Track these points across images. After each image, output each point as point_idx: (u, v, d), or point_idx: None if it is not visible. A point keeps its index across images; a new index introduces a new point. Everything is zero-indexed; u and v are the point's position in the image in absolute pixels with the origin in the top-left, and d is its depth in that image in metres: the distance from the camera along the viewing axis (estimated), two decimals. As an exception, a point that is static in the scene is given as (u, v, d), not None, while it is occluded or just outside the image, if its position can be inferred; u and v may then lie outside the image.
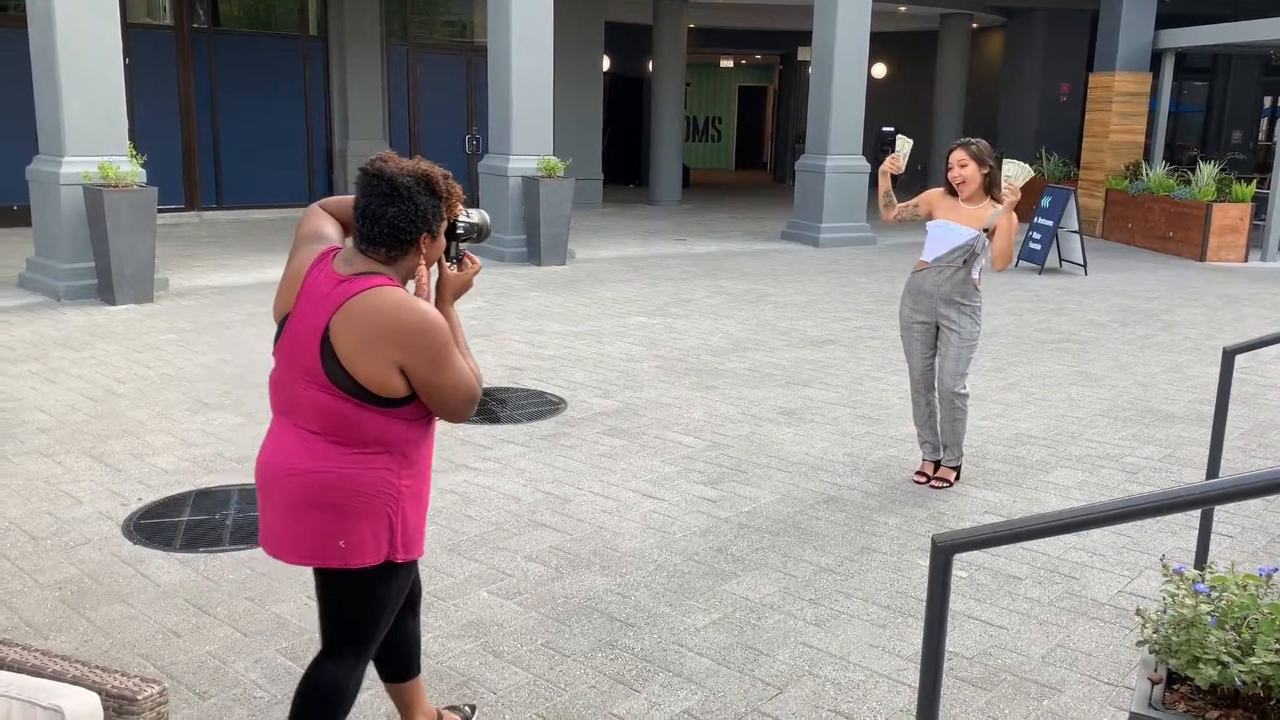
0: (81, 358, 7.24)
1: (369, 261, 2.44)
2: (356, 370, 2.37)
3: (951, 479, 5.23)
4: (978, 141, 5.03)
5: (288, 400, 2.50)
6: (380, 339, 2.35)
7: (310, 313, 2.42)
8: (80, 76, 8.88)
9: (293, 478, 2.46)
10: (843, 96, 13.86)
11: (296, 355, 2.45)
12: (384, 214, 2.41)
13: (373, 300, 2.37)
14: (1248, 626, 2.02)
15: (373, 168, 2.44)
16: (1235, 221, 13.64)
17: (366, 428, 2.43)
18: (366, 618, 2.57)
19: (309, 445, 2.45)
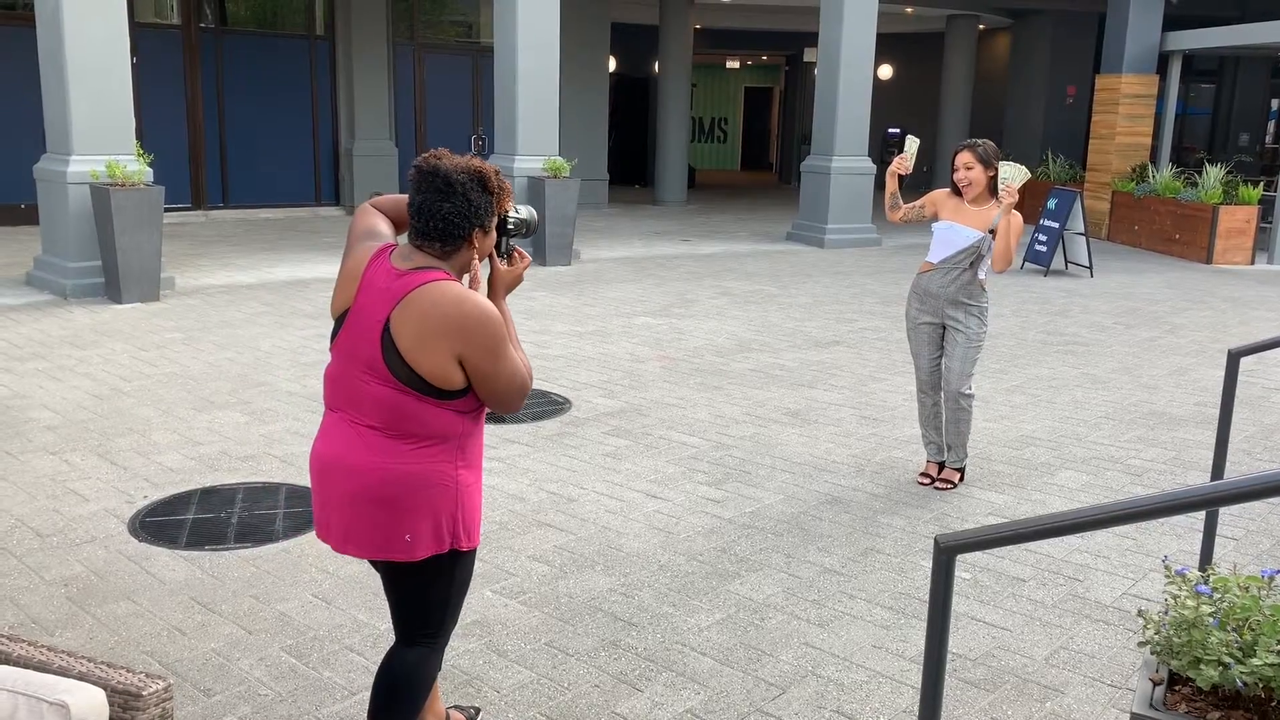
0: (88, 356, 7.27)
1: (426, 256, 2.50)
2: (417, 362, 2.42)
3: (956, 480, 5.23)
4: (984, 143, 5.03)
5: (346, 395, 2.53)
6: (440, 331, 2.41)
7: (370, 307, 2.46)
8: (88, 76, 8.91)
9: (354, 474, 2.50)
10: (849, 98, 13.86)
11: (357, 349, 2.49)
12: (439, 209, 2.47)
13: (432, 294, 2.42)
14: (1249, 628, 2.02)
15: (428, 165, 2.50)
16: (1242, 224, 13.62)
17: (425, 421, 2.47)
18: (437, 607, 2.64)
19: (367, 441, 2.49)
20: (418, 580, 2.60)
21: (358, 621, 3.73)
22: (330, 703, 3.23)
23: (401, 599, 2.65)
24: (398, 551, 2.51)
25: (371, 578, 4.07)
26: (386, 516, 2.49)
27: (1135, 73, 15.62)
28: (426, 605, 2.64)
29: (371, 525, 2.50)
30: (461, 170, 2.49)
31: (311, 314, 8.89)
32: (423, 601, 2.63)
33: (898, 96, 22.95)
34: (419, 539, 2.51)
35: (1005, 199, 4.83)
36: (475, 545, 2.63)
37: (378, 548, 2.52)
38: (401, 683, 2.64)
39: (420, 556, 2.52)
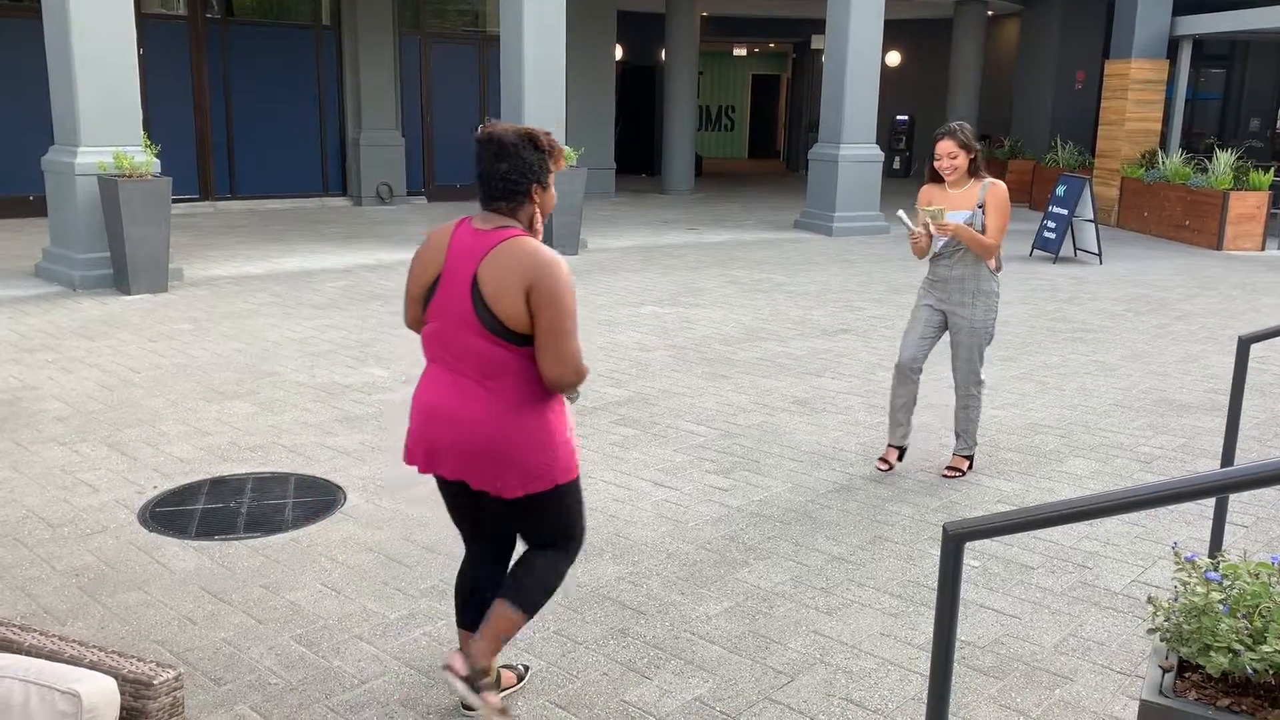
0: (97, 347, 7.29)
1: (501, 218, 2.83)
2: (499, 308, 2.72)
3: (964, 468, 5.21)
4: (962, 127, 4.96)
5: (445, 348, 2.84)
6: (517, 272, 2.71)
7: (460, 265, 2.79)
8: (95, 67, 8.92)
9: (461, 426, 2.80)
10: (856, 85, 13.80)
11: (450, 304, 2.80)
12: (497, 170, 2.80)
13: (514, 244, 2.76)
14: (1259, 615, 2.01)
15: (482, 134, 2.83)
16: (1252, 210, 13.54)
17: (512, 368, 2.77)
18: (558, 526, 2.96)
19: (468, 391, 2.80)
20: (536, 513, 2.91)
21: (367, 610, 3.75)
22: (340, 691, 3.24)
23: (528, 529, 2.99)
24: (512, 488, 2.82)
25: (381, 567, 4.09)
26: (496, 462, 2.79)
27: (1145, 58, 15.52)
28: (549, 529, 2.97)
29: (487, 468, 2.80)
30: (512, 133, 2.82)
31: (319, 304, 8.90)
32: (548, 526, 2.96)
33: (906, 83, 22.85)
34: (532, 478, 2.82)
35: (948, 230, 4.81)
36: (574, 478, 2.92)
37: (495, 485, 2.82)
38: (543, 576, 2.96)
39: (539, 489, 2.83)
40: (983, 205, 4.92)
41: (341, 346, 7.49)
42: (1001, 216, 4.92)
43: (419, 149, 16.90)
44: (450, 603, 3.82)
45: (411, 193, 16.78)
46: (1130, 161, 15.65)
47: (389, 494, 4.80)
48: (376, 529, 4.45)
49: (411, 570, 4.07)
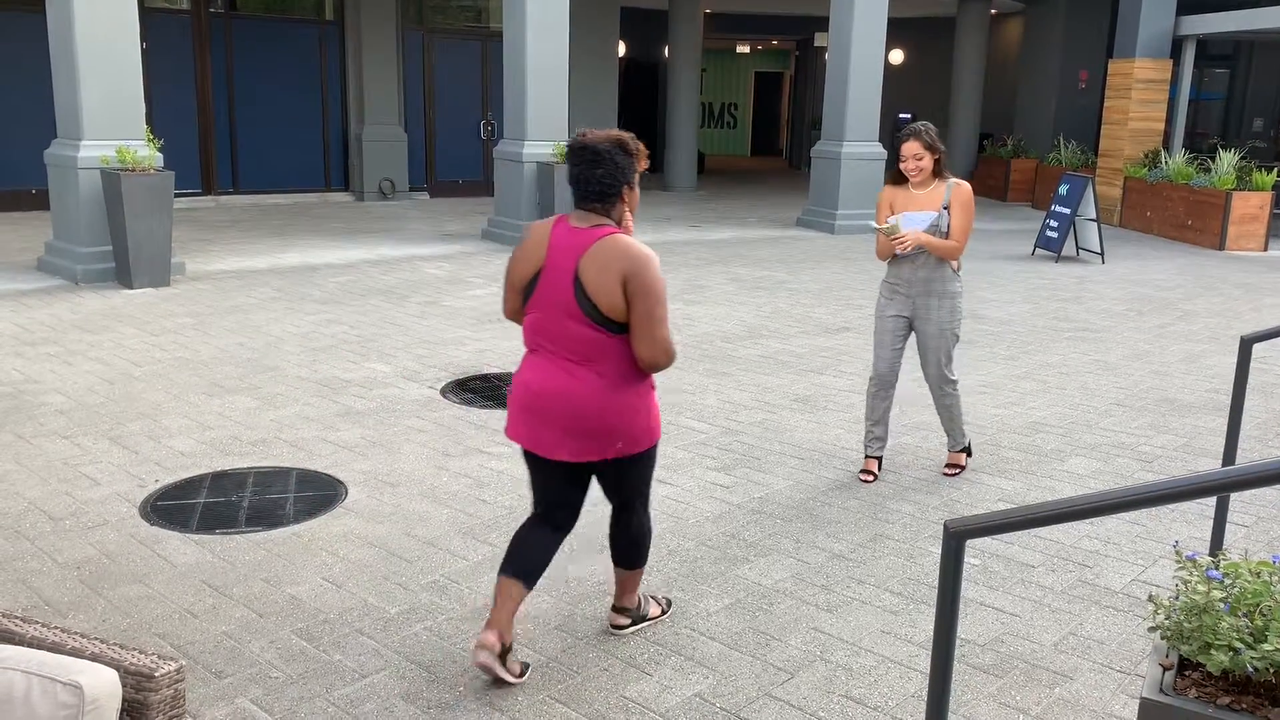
0: (99, 341, 7.30)
1: (596, 216, 3.16)
2: (598, 297, 3.06)
3: (963, 462, 5.19)
4: (927, 128, 4.86)
5: (548, 335, 3.17)
6: (615, 265, 3.05)
7: (561, 260, 3.12)
8: (98, 61, 8.92)
9: (566, 400, 3.14)
10: (859, 83, 13.79)
11: (553, 294, 3.13)
12: (592, 175, 3.13)
13: (608, 243, 3.09)
14: (1260, 613, 2.01)
15: (578, 143, 3.16)
16: (1255, 210, 13.53)
17: (611, 351, 3.12)
18: (643, 482, 3.43)
19: (571, 372, 3.15)
20: (629, 471, 3.33)
21: (368, 605, 3.75)
22: (341, 685, 3.25)
23: (618, 485, 3.39)
24: (610, 453, 3.22)
25: (381, 561, 4.09)
26: (603, 433, 3.17)
27: (1149, 57, 15.50)
28: (637, 484, 3.41)
29: (592, 441, 3.18)
30: (604, 140, 3.15)
31: (321, 299, 8.90)
32: (634, 482, 3.39)
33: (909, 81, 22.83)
34: (629, 442, 3.22)
35: (910, 242, 4.75)
36: (658, 439, 3.37)
37: (600, 453, 3.20)
38: (638, 537, 3.49)
39: (629, 454, 3.24)
40: (948, 206, 4.84)
41: (343, 342, 7.49)
42: (967, 217, 4.84)
43: (421, 145, 16.90)
44: (450, 598, 3.82)
45: (414, 188, 16.78)
46: (1133, 161, 15.64)
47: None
48: (377, 524, 4.45)
49: (412, 565, 4.08)
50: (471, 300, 9.07)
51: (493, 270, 10.56)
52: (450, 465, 5.15)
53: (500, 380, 6.66)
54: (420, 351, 7.29)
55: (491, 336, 7.78)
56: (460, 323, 8.20)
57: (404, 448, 5.37)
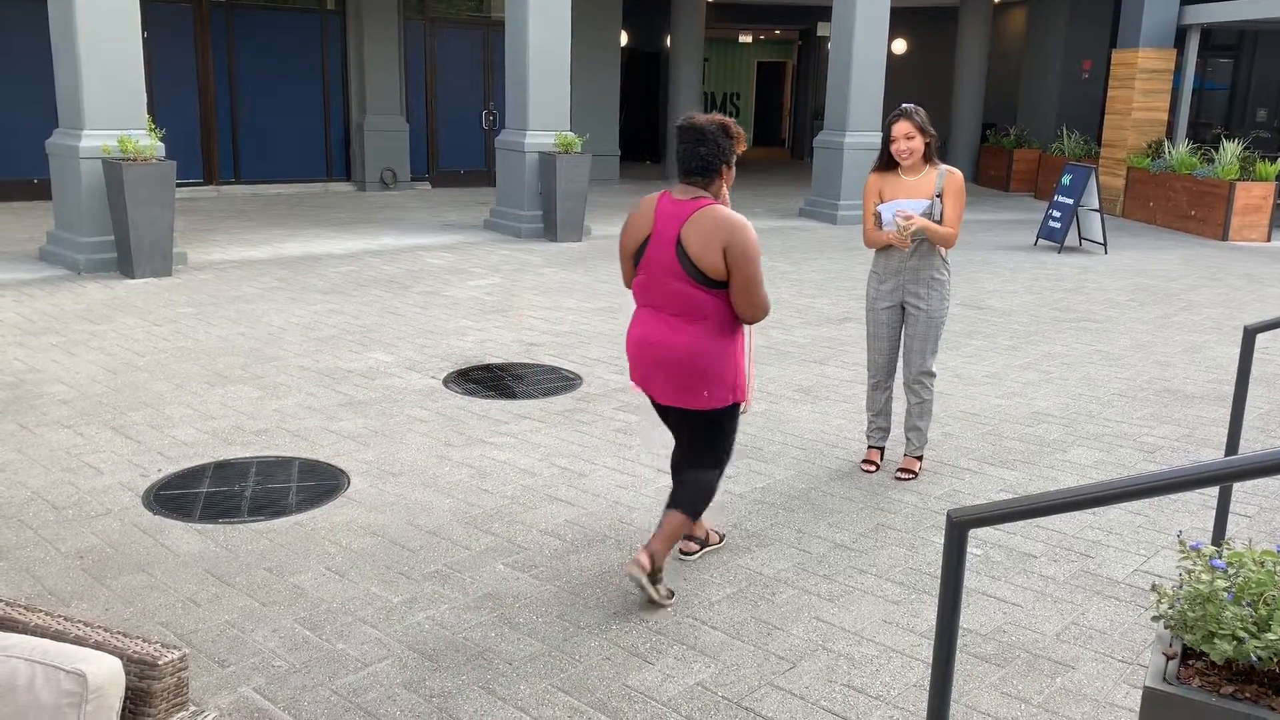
0: (101, 330, 7.30)
1: (696, 189, 3.60)
2: (701, 260, 3.51)
3: (916, 470, 5.05)
4: (918, 110, 4.79)
5: (655, 294, 3.64)
6: (716, 233, 3.50)
7: (666, 230, 3.59)
8: (99, 50, 8.90)
9: (668, 349, 3.61)
10: (862, 72, 13.75)
11: (659, 257, 3.59)
12: (697, 153, 3.58)
13: (708, 213, 3.55)
14: (1264, 603, 2.01)
15: (686, 122, 3.61)
16: (1258, 201, 13.49)
17: (710, 307, 3.57)
18: (719, 443, 3.78)
19: (674, 326, 3.62)
20: (708, 426, 3.72)
21: (370, 594, 3.76)
22: (343, 674, 3.25)
23: (696, 438, 3.76)
24: (700, 402, 3.63)
25: (384, 551, 4.10)
26: (690, 378, 3.60)
27: (1152, 47, 15.44)
28: (712, 442, 3.77)
29: (681, 383, 3.62)
30: (710, 122, 3.58)
31: (323, 289, 8.90)
32: (710, 440, 3.76)
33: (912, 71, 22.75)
34: (714, 394, 3.63)
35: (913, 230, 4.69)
36: (744, 399, 3.75)
37: (686, 399, 3.63)
38: (700, 490, 3.76)
39: (718, 406, 3.65)
40: (940, 194, 4.78)
41: (345, 331, 7.49)
42: (960, 205, 4.79)
43: (423, 135, 16.87)
44: (453, 586, 3.83)
45: (415, 178, 16.76)
46: (1136, 151, 15.59)
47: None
48: (380, 513, 4.45)
49: (415, 554, 4.08)
50: (473, 290, 9.06)
51: (495, 260, 10.55)
52: (452, 455, 5.15)
53: (503, 371, 6.66)
54: (422, 341, 7.29)
55: (494, 327, 7.78)
56: (462, 313, 8.20)
57: (406, 438, 5.37)
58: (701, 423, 3.72)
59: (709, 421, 3.71)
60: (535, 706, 3.11)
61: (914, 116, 4.76)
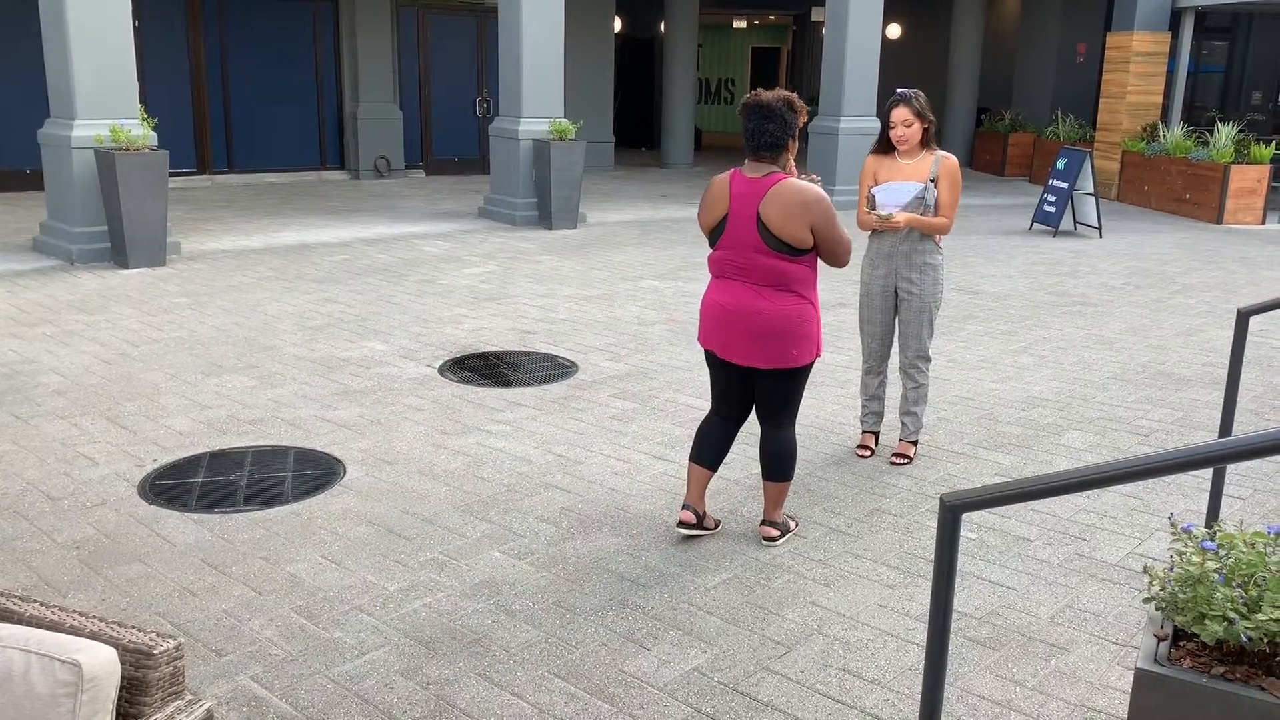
0: (95, 321, 7.28)
1: (767, 165, 3.83)
2: (784, 233, 3.76)
3: (911, 454, 5.06)
4: (917, 95, 4.80)
5: (736, 268, 3.88)
6: (798, 207, 3.76)
7: (744, 206, 3.81)
8: (90, 40, 8.85)
9: (756, 315, 3.85)
10: (857, 57, 13.72)
11: (741, 235, 3.82)
12: (766, 129, 3.79)
13: (785, 186, 3.78)
14: (1255, 584, 2.02)
15: (754, 100, 3.81)
16: (1253, 184, 13.49)
17: (791, 274, 3.83)
18: (798, 397, 4.07)
19: (761, 294, 3.86)
20: (794, 382, 3.98)
21: (367, 582, 3.76)
22: (340, 662, 3.26)
23: (780, 396, 4.00)
24: (789, 362, 3.89)
25: (380, 539, 4.10)
26: (782, 341, 3.86)
27: (1147, 30, 15.40)
28: (793, 397, 4.04)
29: (771, 348, 3.87)
30: (776, 99, 3.80)
31: (318, 278, 8.88)
32: (792, 395, 4.03)
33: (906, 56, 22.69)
34: (801, 352, 3.91)
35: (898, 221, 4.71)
36: (819, 356, 4.05)
37: (778, 361, 3.88)
38: (787, 451, 4.07)
39: (802, 364, 3.92)
40: (935, 180, 4.78)
41: (340, 320, 7.48)
42: (955, 192, 4.79)
43: (417, 122, 16.82)
44: (449, 574, 3.84)
45: (409, 166, 16.71)
46: (1131, 135, 15.58)
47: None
48: (376, 502, 4.46)
49: (411, 542, 4.09)
50: (468, 279, 9.05)
51: (489, 248, 10.53)
52: (448, 443, 5.15)
53: (498, 359, 6.65)
54: (417, 330, 7.28)
55: (489, 315, 7.77)
56: (457, 301, 8.19)
57: (402, 426, 5.37)
58: (785, 380, 3.95)
59: (793, 379, 3.96)
60: (532, 693, 3.12)
61: (912, 102, 4.77)
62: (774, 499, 4.12)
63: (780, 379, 3.96)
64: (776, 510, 4.13)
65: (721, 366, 4.04)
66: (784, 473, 4.08)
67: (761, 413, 4.09)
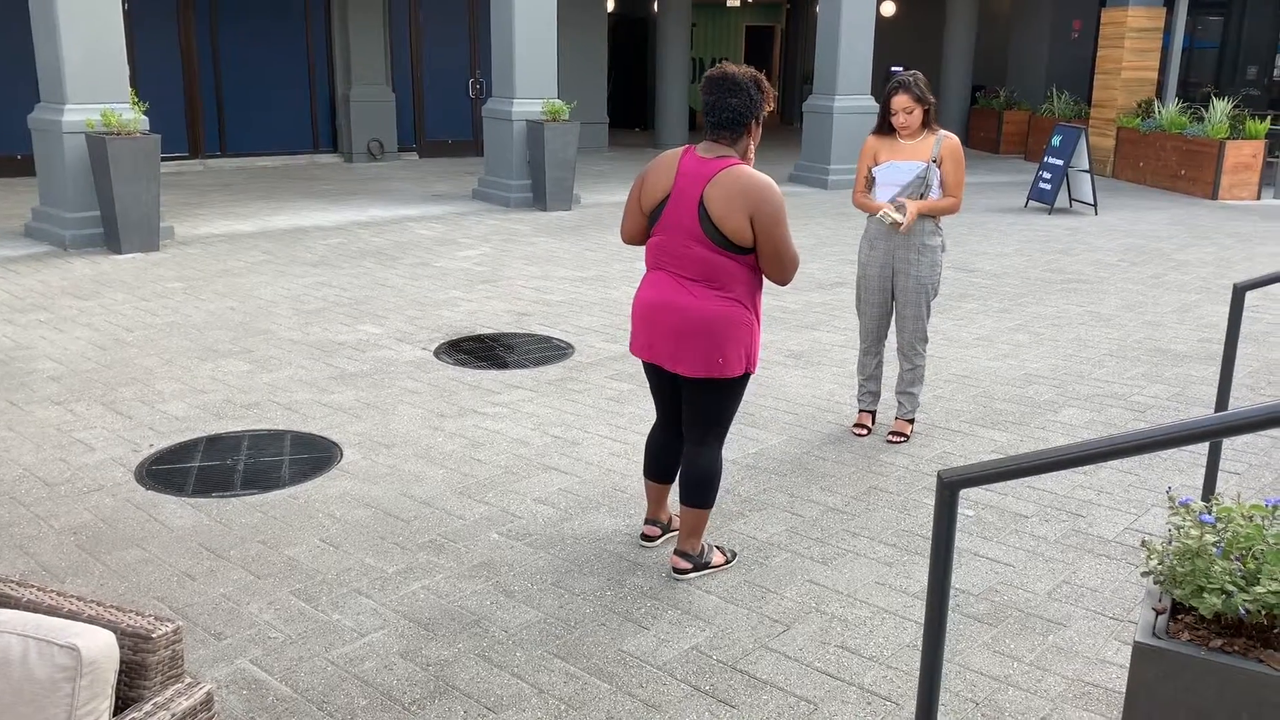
0: (89, 306, 7.26)
1: (722, 148, 3.45)
2: (724, 224, 3.35)
3: (908, 432, 5.06)
4: (917, 79, 4.76)
5: (671, 256, 3.47)
6: (740, 196, 3.34)
7: (688, 189, 3.41)
8: (79, 23, 8.78)
9: (680, 312, 3.43)
10: (851, 36, 13.65)
11: (679, 219, 3.42)
12: (729, 104, 3.41)
13: (734, 172, 3.38)
14: (1253, 557, 2.02)
15: (718, 72, 3.44)
16: (1248, 159, 13.47)
17: (729, 272, 3.41)
18: (727, 414, 3.62)
19: (690, 289, 3.44)
20: (719, 394, 3.54)
21: (365, 565, 3.76)
22: (340, 644, 3.27)
23: (704, 409, 3.57)
24: (714, 370, 3.45)
25: (378, 522, 4.10)
26: (705, 344, 3.43)
27: (1142, 5, 15.34)
28: (720, 413, 3.60)
29: (694, 350, 3.44)
30: (743, 74, 3.43)
31: (312, 262, 8.85)
32: (718, 410, 3.59)
33: (901, 34, 22.59)
34: (728, 362, 3.45)
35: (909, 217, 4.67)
36: (755, 370, 3.59)
37: (700, 367, 3.45)
38: (708, 475, 3.62)
39: (727, 375, 3.46)
40: (938, 160, 4.76)
41: (335, 304, 7.46)
42: (960, 171, 4.77)
43: (409, 105, 16.73)
44: (448, 556, 3.84)
45: (403, 149, 16.63)
46: (1126, 111, 15.54)
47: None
48: (373, 484, 4.46)
49: (409, 525, 4.09)
50: (463, 261, 9.02)
51: (484, 230, 10.50)
52: (445, 426, 5.15)
53: (494, 341, 6.64)
54: (412, 313, 7.26)
55: (484, 297, 7.76)
56: (452, 283, 8.17)
57: (398, 409, 5.36)
58: (710, 393, 3.54)
59: (718, 391, 3.54)
60: (532, 674, 3.13)
61: (913, 88, 4.73)
62: (690, 527, 3.65)
63: (706, 391, 3.53)
64: (692, 540, 3.67)
65: (653, 373, 3.68)
66: (703, 499, 3.62)
67: (685, 426, 3.66)
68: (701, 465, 3.61)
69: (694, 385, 3.54)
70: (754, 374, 3.68)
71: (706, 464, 3.61)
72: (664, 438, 3.79)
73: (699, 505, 3.63)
